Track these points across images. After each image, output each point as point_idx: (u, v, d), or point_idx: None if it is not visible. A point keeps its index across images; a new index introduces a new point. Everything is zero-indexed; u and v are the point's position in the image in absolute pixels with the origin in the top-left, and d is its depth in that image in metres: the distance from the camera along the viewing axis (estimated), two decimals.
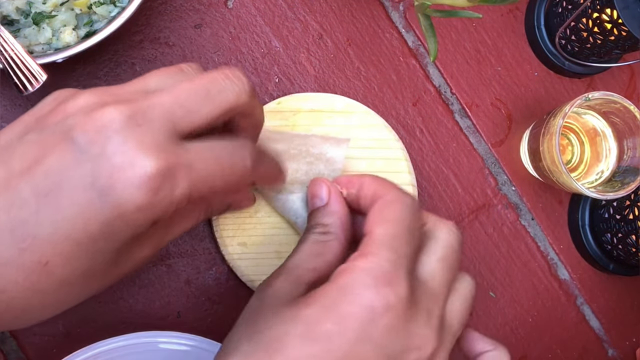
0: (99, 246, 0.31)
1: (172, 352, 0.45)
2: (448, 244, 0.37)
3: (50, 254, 0.30)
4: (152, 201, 0.30)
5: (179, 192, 0.31)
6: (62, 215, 0.30)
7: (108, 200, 0.30)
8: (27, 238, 0.30)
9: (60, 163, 0.30)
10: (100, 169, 0.30)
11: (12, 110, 0.48)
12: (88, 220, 0.30)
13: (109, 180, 0.30)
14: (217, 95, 0.34)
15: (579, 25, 0.53)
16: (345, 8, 0.54)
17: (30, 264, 0.30)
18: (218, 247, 0.49)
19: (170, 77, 0.35)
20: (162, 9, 0.51)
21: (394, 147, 0.51)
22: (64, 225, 0.30)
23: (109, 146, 0.30)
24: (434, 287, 0.36)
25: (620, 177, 0.52)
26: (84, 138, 0.30)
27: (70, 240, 0.30)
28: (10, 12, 0.44)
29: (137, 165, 0.30)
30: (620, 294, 0.58)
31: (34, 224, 0.30)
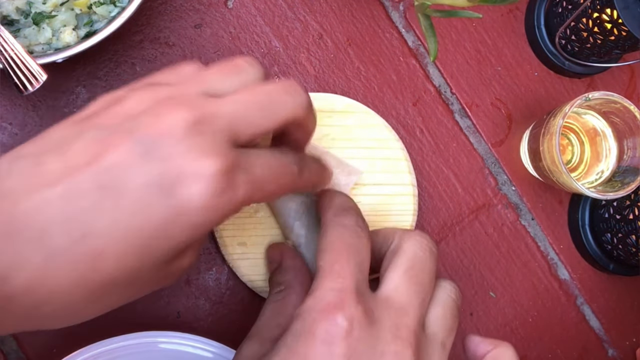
0: (153, 246, 0.31)
1: (172, 352, 0.45)
2: (412, 255, 0.37)
3: (103, 248, 0.30)
4: (216, 203, 0.31)
5: (240, 194, 0.32)
6: (123, 210, 0.30)
7: (172, 199, 0.30)
8: (82, 230, 0.30)
9: (124, 160, 0.30)
10: (165, 169, 0.30)
11: (12, 110, 0.48)
12: (149, 217, 0.30)
13: (175, 181, 0.30)
14: (277, 109, 0.34)
15: (579, 25, 0.53)
16: (345, 8, 0.54)
17: (81, 257, 0.30)
18: (218, 247, 0.49)
19: (228, 79, 0.35)
20: (162, 9, 0.51)
21: (394, 147, 0.51)
22: (123, 220, 0.30)
23: (174, 149, 0.30)
24: (400, 300, 0.35)
25: (620, 177, 0.52)
26: (149, 140, 0.31)
27: (127, 236, 0.30)
28: (10, 12, 0.44)
29: (202, 167, 0.30)
30: (620, 294, 0.58)
31: (92, 216, 0.30)
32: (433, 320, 0.36)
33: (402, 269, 0.36)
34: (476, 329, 0.55)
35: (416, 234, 0.38)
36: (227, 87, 0.35)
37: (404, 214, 0.51)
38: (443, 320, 0.36)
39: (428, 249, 0.37)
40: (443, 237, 0.55)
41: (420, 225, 0.54)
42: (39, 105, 0.49)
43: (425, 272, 0.36)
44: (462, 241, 0.55)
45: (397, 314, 0.34)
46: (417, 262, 0.36)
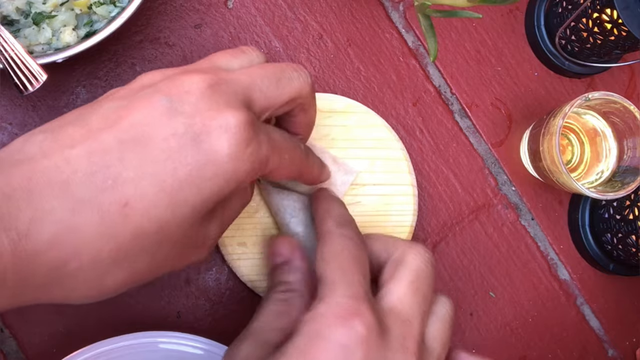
0: (182, 197, 0.30)
1: (172, 352, 0.45)
2: (415, 268, 0.37)
3: (131, 196, 0.29)
4: (244, 153, 0.31)
5: (264, 149, 0.33)
6: (150, 160, 0.30)
7: (203, 146, 0.30)
8: (107, 179, 0.29)
9: (148, 117, 0.31)
10: (191, 121, 0.31)
11: (12, 110, 0.48)
12: (179, 164, 0.30)
13: (204, 129, 0.30)
14: (286, 83, 0.36)
15: (579, 25, 0.53)
16: (345, 8, 0.54)
17: (109, 204, 0.29)
18: (218, 247, 0.49)
19: (236, 59, 0.37)
20: (162, 9, 0.51)
21: (394, 147, 0.51)
22: (150, 170, 0.30)
23: (197, 105, 0.31)
24: (405, 311, 0.35)
25: (620, 177, 0.52)
26: (174, 97, 0.31)
27: (155, 183, 0.30)
28: (10, 12, 0.44)
29: (229, 118, 0.31)
30: (620, 294, 0.58)
31: (117, 167, 0.30)
32: (432, 335, 0.36)
33: (406, 281, 0.36)
34: (476, 329, 0.55)
35: (419, 247, 0.38)
36: (237, 65, 0.36)
37: (404, 214, 0.51)
38: (441, 335, 0.36)
39: (430, 262, 0.38)
40: (443, 237, 0.55)
41: (420, 225, 0.54)
42: (39, 105, 0.49)
43: (427, 285, 0.37)
44: (462, 241, 0.55)
45: (403, 324, 0.34)
46: (420, 275, 0.36)
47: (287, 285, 0.41)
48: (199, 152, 0.30)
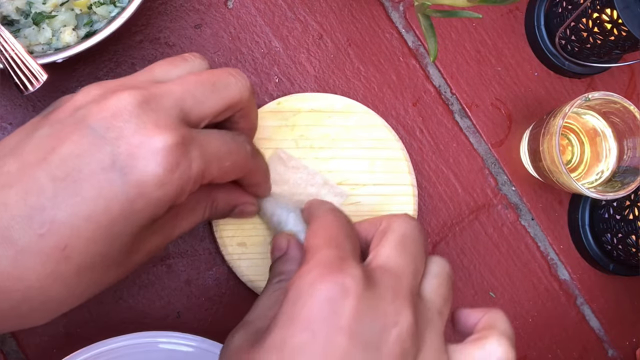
0: (118, 228, 0.31)
1: (172, 352, 0.45)
2: (401, 232, 0.36)
3: (69, 238, 0.30)
4: (172, 177, 0.31)
5: (195, 167, 0.32)
6: (82, 197, 0.30)
7: (130, 178, 0.30)
8: (45, 224, 0.30)
9: (77, 148, 0.31)
10: (119, 149, 0.31)
11: (12, 110, 0.48)
12: (110, 201, 0.30)
13: (130, 159, 0.31)
14: (223, 89, 0.36)
15: (579, 25, 0.53)
16: (345, 8, 0.54)
17: (49, 250, 0.30)
18: (218, 247, 0.49)
19: (176, 67, 0.37)
20: (162, 9, 0.51)
21: (394, 147, 0.51)
22: (83, 207, 0.30)
23: (126, 128, 0.31)
24: (394, 267, 0.34)
25: (620, 177, 0.52)
26: (100, 123, 0.31)
27: (90, 221, 0.30)
28: (10, 12, 0.44)
29: (156, 141, 0.31)
30: (620, 294, 0.58)
31: (52, 209, 0.30)
32: (429, 289, 0.35)
33: (393, 243, 0.36)
34: None
35: (405, 215, 0.38)
36: (174, 75, 0.36)
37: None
38: (439, 289, 0.36)
39: (417, 227, 0.37)
40: (443, 237, 0.55)
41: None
42: (39, 105, 0.49)
43: (415, 246, 0.36)
44: (462, 241, 0.55)
45: (392, 277, 0.34)
46: (407, 237, 0.36)
47: (283, 275, 0.41)
48: (128, 186, 0.31)
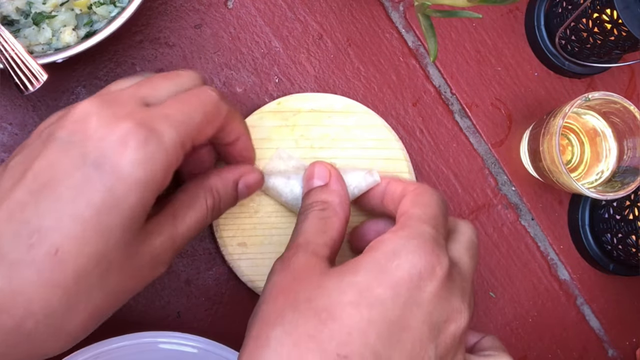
0: (106, 221, 0.31)
1: (172, 352, 0.45)
2: (470, 237, 0.40)
3: (59, 241, 0.30)
4: (146, 154, 0.31)
5: (167, 138, 0.32)
6: (63, 199, 0.30)
7: (104, 167, 0.31)
8: (33, 233, 0.30)
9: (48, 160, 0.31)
10: (87, 147, 0.31)
11: (12, 110, 0.48)
12: (90, 194, 0.30)
13: (99, 152, 0.31)
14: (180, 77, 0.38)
15: (579, 25, 0.53)
16: (345, 8, 0.54)
17: (41, 257, 0.30)
18: (218, 247, 0.49)
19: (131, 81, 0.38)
20: (162, 9, 0.51)
21: (394, 147, 0.51)
22: (67, 208, 0.30)
23: (89, 129, 0.32)
24: (464, 269, 0.38)
25: (620, 177, 0.52)
26: (64, 132, 0.32)
27: (76, 220, 0.30)
28: (10, 12, 0.44)
29: (118, 129, 0.31)
30: (620, 294, 0.58)
31: (37, 218, 0.30)
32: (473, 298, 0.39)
33: (464, 245, 0.39)
34: (476, 329, 0.54)
35: (470, 222, 0.42)
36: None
37: None
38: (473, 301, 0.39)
39: (477, 238, 0.41)
40: None
41: None
42: (39, 105, 0.49)
43: (477, 256, 0.40)
44: None
45: (463, 279, 0.37)
46: (473, 245, 0.40)
47: (325, 204, 0.42)
48: (104, 175, 0.31)
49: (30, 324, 0.30)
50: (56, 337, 0.32)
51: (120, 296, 0.34)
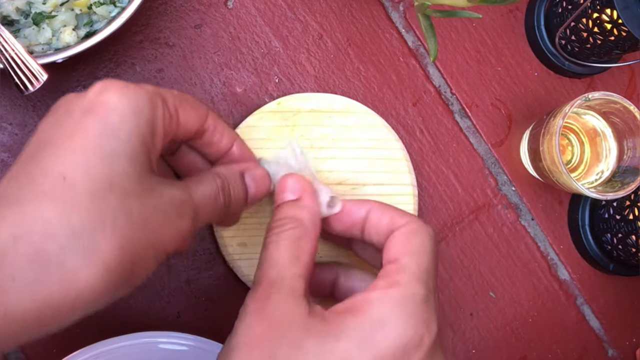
0: (106, 147, 0.31)
1: (172, 352, 0.45)
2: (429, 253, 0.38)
3: (63, 169, 0.30)
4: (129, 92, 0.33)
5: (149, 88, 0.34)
6: (63, 141, 0.31)
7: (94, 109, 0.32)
8: (38, 174, 0.31)
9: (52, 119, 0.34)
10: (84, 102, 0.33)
11: (12, 110, 0.48)
12: (86, 129, 0.32)
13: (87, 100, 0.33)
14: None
15: (579, 25, 0.53)
16: (345, 8, 0.54)
17: (50, 186, 0.30)
18: (218, 247, 0.49)
19: None
20: (162, 9, 0.51)
21: (394, 147, 0.51)
22: (66, 145, 0.31)
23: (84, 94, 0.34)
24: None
25: (620, 177, 0.52)
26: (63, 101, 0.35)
27: (76, 151, 0.31)
28: (10, 12, 0.44)
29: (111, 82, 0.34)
30: (620, 294, 0.58)
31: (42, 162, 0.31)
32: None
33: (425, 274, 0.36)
34: (476, 329, 0.55)
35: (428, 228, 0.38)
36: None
37: None
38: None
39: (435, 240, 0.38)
40: (443, 237, 0.55)
41: None
42: (39, 105, 0.49)
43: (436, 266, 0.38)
44: (462, 241, 0.55)
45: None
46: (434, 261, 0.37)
47: (298, 222, 0.38)
48: (96, 113, 0.32)
49: (54, 248, 0.29)
50: (87, 261, 0.29)
51: (151, 235, 0.32)
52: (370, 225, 0.39)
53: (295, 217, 0.39)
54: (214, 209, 0.37)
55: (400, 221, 0.38)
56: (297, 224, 0.38)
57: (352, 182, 0.50)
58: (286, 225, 0.38)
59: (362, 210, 0.40)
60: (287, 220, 0.39)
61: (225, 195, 0.38)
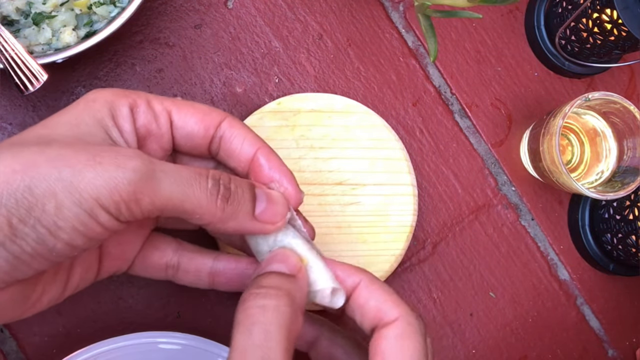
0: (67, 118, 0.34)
1: (172, 352, 0.45)
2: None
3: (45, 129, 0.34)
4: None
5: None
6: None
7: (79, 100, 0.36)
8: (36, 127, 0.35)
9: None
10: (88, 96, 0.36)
11: (12, 110, 0.48)
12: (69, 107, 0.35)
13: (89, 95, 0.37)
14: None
15: (579, 25, 0.53)
16: (345, 8, 0.54)
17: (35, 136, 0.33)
18: (218, 247, 0.49)
19: None
20: (162, 10, 0.51)
21: (394, 147, 0.51)
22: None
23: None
24: None
25: (620, 177, 0.52)
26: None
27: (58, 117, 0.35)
28: (10, 12, 0.44)
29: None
30: (620, 294, 0.58)
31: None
32: None
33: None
34: (476, 329, 0.55)
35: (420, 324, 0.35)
36: None
37: (404, 214, 0.51)
38: None
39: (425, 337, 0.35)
40: (443, 237, 0.55)
41: (420, 225, 0.54)
42: (39, 105, 0.49)
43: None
44: (462, 241, 0.55)
45: None
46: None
47: (291, 298, 0.33)
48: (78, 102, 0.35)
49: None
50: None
51: (64, 170, 0.30)
52: (356, 303, 0.35)
53: (289, 292, 0.33)
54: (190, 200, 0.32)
55: (390, 314, 0.34)
56: (290, 301, 0.32)
57: (352, 182, 0.50)
58: (280, 298, 0.32)
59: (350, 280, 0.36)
60: (279, 292, 0.33)
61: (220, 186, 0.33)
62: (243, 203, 0.34)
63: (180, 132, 0.37)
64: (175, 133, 0.37)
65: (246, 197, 0.35)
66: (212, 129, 0.37)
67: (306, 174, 0.50)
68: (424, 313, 0.54)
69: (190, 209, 0.32)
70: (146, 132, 0.36)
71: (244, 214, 0.34)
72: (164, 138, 0.37)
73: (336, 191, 0.50)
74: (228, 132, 0.37)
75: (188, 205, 0.32)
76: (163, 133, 0.37)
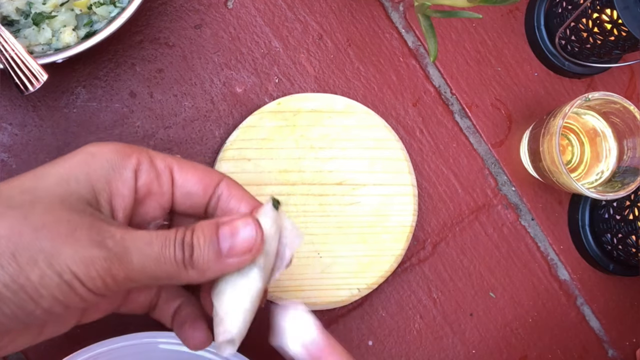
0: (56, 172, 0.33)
1: (172, 352, 0.45)
2: None
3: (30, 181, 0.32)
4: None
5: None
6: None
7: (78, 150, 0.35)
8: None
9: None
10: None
11: (12, 110, 0.48)
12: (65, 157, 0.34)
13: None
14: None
15: (579, 25, 0.53)
16: (345, 8, 0.54)
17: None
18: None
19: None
20: (162, 10, 0.51)
21: (394, 147, 0.51)
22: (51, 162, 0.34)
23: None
24: None
25: (620, 178, 0.52)
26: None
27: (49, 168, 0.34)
28: (10, 12, 0.44)
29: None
30: (620, 294, 0.58)
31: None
32: None
33: None
34: (476, 329, 0.55)
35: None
36: None
37: (404, 214, 0.51)
38: None
39: None
40: (443, 237, 0.55)
41: (420, 225, 0.54)
42: (39, 105, 0.49)
43: None
44: (462, 241, 0.55)
45: None
46: None
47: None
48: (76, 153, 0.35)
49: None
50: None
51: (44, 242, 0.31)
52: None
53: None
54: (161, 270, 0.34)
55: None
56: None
57: (352, 182, 0.50)
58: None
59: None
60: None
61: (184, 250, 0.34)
62: (207, 252, 0.34)
63: (180, 190, 0.37)
64: (176, 191, 0.37)
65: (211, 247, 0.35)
66: (211, 189, 0.38)
67: (306, 174, 0.50)
68: (424, 313, 0.54)
69: (164, 277, 0.34)
70: (147, 192, 0.36)
71: (213, 261, 0.35)
72: (165, 197, 0.37)
73: (336, 191, 0.50)
74: (226, 192, 0.38)
75: (160, 274, 0.34)
76: (164, 192, 0.37)
